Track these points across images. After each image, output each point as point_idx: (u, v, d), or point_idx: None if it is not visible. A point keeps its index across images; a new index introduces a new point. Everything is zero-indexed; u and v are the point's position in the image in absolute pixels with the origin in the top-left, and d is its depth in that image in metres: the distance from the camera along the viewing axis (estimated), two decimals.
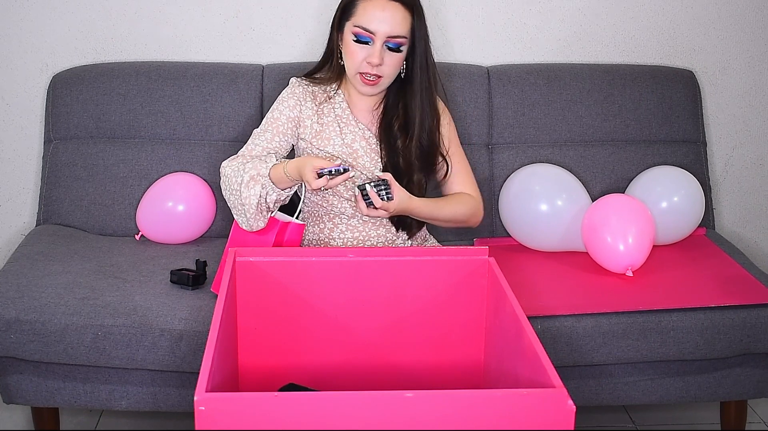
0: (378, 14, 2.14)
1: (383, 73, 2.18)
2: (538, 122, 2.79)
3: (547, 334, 2.22)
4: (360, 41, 2.16)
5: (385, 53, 2.16)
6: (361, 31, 2.15)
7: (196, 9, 2.83)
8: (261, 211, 2.12)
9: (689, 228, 2.67)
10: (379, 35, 2.14)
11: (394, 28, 2.15)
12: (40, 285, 2.29)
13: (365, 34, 2.15)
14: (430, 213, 2.23)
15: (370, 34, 2.15)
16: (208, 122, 2.72)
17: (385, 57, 2.16)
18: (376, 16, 2.14)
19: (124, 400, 2.27)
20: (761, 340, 2.29)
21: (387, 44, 2.16)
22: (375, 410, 1.39)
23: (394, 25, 2.15)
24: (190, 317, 2.20)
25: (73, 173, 2.71)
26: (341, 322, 1.93)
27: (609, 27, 2.92)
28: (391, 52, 2.17)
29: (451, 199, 2.32)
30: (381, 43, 2.15)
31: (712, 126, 3.00)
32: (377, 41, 2.15)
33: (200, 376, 1.41)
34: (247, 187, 2.09)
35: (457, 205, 2.30)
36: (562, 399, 1.40)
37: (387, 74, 2.19)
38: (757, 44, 2.97)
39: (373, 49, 2.15)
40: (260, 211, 2.12)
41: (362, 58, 2.16)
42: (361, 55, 2.16)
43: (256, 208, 2.10)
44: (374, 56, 2.15)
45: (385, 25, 2.14)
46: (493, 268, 1.88)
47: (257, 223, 2.14)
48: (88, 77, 2.74)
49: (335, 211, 2.28)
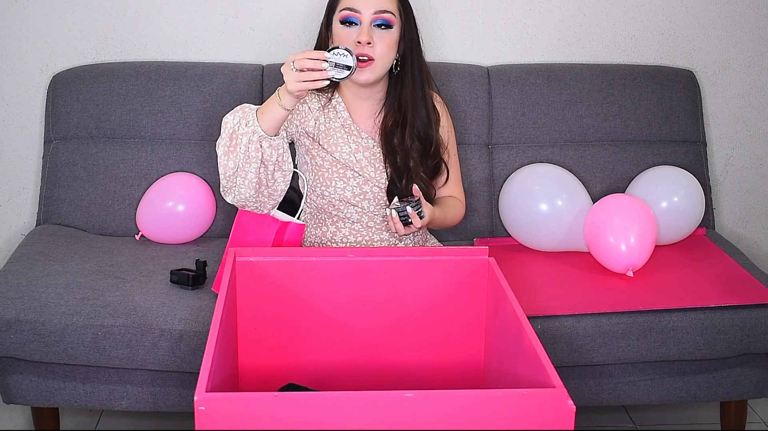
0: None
1: (375, 54, 2.15)
2: (538, 122, 2.79)
3: (547, 334, 2.22)
4: (348, 23, 2.15)
5: (374, 32, 2.15)
6: (347, 12, 2.15)
7: (196, 9, 2.83)
8: (234, 149, 2.05)
9: (689, 228, 2.67)
10: (365, 13, 2.14)
11: (380, 4, 2.15)
12: (40, 285, 2.29)
13: (352, 14, 2.15)
14: (442, 221, 2.30)
15: (356, 13, 2.14)
16: (208, 122, 2.72)
17: (374, 36, 2.15)
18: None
19: (124, 400, 2.27)
20: (761, 340, 2.29)
21: (375, 22, 2.15)
22: (375, 410, 1.39)
23: (379, 1, 2.15)
24: (190, 317, 2.20)
25: (73, 173, 2.71)
26: (341, 322, 1.93)
27: (609, 27, 2.92)
28: (381, 31, 2.16)
29: (449, 203, 2.36)
30: (369, 22, 2.14)
31: (712, 126, 3.00)
32: (364, 20, 2.14)
33: (200, 376, 1.41)
34: (232, 114, 2.08)
35: (453, 210, 2.37)
36: (562, 399, 1.40)
37: (380, 55, 2.16)
38: (757, 44, 2.97)
39: (361, 27, 2.14)
40: (233, 148, 2.05)
41: (352, 40, 2.14)
42: (350, 38, 2.15)
43: (230, 137, 2.05)
44: (363, 34, 2.13)
45: (371, 2, 2.14)
46: (493, 268, 1.88)
47: (232, 174, 2.07)
48: (88, 77, 2.74)
49: (339, 214, 2.27)
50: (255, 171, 2.07)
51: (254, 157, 2.05)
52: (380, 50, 2.16)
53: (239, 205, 2.16)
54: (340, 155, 2.23)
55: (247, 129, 2.04)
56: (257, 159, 2.05)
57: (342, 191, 2.24)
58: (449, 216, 2.33)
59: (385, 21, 2.16)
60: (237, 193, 2.10)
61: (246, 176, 2.07)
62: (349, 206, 2.26)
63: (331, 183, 2.23)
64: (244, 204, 2.14)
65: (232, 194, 2.12)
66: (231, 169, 2.07)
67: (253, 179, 2.07)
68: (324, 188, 2.24)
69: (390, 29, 2.17)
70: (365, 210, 2.27)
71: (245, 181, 2.08)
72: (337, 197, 2.25)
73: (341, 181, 2.24)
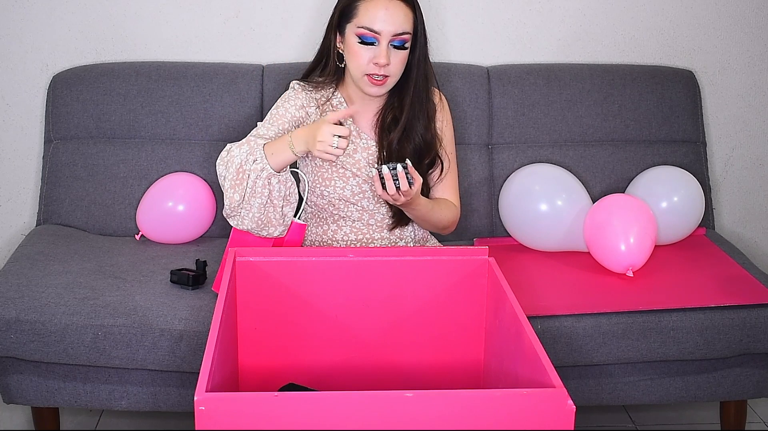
0: (381, 14, 2.12)
1: (390, 73, 2.16)
2: (538, 122, 2.79)
3: (547, 334, 2.22)
4: (365, 42, 2.14)
5: (391, 52, 2.14)
6: (365, 32, 2.13)
7: (196, 9, 2.83)
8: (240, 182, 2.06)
9: (689, 228, 2.67)
10: (384, 35, 2.12)
11: (399, 26, 2.13)
12: (40, 285, 2.29)
13: (370, 34, 2.13)
14: (427, 212, 2.21)
15: (375, 34, 2.13)
16: (208, 122, 2.72)
17: (391, 56, 2.14)
18: (380, 16, 2.12)
19: (124, 400, 2.27)
20: (761, 340, 2.29)
21: (392, 43, 2.14)
22: (375, 410, 1.39)
23: (398, 24, 2.13)
24: (190, 317, 2.20)
25: (73, 173, 2.71)
26: (341, 322, 1.93)
27: (609, 27, 2.92)
28: (396, 50, 2.15)
29: (441, 203, 2.30)
30: (387, 43, 2.13)
31: (712, 126, 3.00)
32: (383, 41, 2.13)
33: (200, 376, 1.41)
34: (238, 147, 2.09)
35: (446, 211, 2.30)
36: (562, 399, 1.40)
37: (394, 73, 2.17)
38: (757, 44, 2.97)
39: (380, 50, 2.13)
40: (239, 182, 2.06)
41: (368, 60, 2.14)
42: (366, 57, 2.14)
43: (236, 171, 2.06)
44: (381, 56, 2.12)
45: (390, 24, 2.12)
46: (493, 268, 1.88)
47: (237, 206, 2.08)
48: (88, 77, 2.74)
49: (340, 213, 2.27)
50: (258, 206, 2.08)
51: (260, 192, 2.07)
52: (394, 68, 2.16)
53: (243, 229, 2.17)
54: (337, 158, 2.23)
55: (255, 166, 2.06)
56: (263, 195, 2.07)
57: (342, 190, 2.24)
58: (437, 213, 2.25)
59: (402, 42, 2.15)
60: (239, 222, 2.13)
61: (250, 210, 2.09)
62: (349, 205, 2.26)
63: (331, 182, 2.24)
64: (247, 231, 2.16)
65: (235, 221, 2.15)
66: (236, 201, 2.09)
67: (256, 214, 2.10)
68: (323, 188, 2.25)
69: (405, 49, 2.17)
70: (365, 208, 2.27)
71: (249, 214, 2.10)
72: (337, 196, 2.25)
73: (341, 181, 2.24)
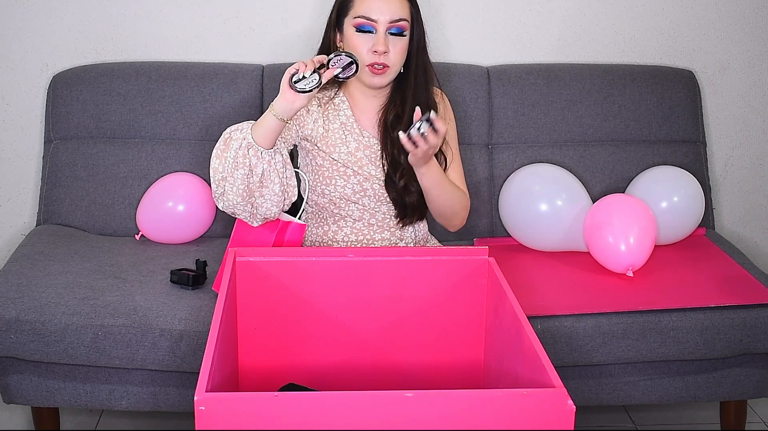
0: (377, 2, 2.15)
1: (390, 62, 2.18)
2: (538, 122, 2.79)
3: (547, 334, 2.22)
4: (362, 31, 2.16)
5: (389, 40, 2.17)
6: (362, 21, 2.16)
7: (196, 9, 2.83)
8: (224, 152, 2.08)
9: (689, 228, 2.67)
10: (381, 22, 2.15)
11: (395, 13, 2.16)
12: (40, 285, 2.29)
13: (367, 23, 2.16)
14: (440, 182, 2.17)
15: (372, 22, 2.15)
16: (208, 122, 2.72)
17: (389, 44, 2.16)
18: (375, 4, 2.15)
19: (124, 400, 2.27)
20: (761, 340, 2.29)
21: (390, 30, 2.16)
22: (375, 410, 1.39)
23: (394, 11, 2.16)
24: (190, 317, 2.20)
25: (73, 173, 2.71)
26: (341, 322, 1.93)
27: (609, 27, 2.93)
28: (394, 38, 2.17)
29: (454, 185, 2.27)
30: (384, 30, 2.16)
31: (712, 126, 3.00)
32: (380, 28, 2.15)
33: (200, 376, 1.41)
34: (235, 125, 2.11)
35: (459, 192, 2.26)
36: (562, 399, 1.40)
37: (393, 62, 2.19)
38: (757, 44, 2.97)
39: (377, 37, 2.16)
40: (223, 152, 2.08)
41: (367, 48, 2.16)
42: (365, 45, 2.16)
43: (224, 143, 2.08)
44: (380, 43, 2.15)
45: (386, 11, 2.15)
46: (493, 268, 1.88)
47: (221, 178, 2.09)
48: (88, 77, 2.74)
49: (341, 213, 2.28)
50: (242, 177, 2.07)
51: (242, 163, 2.06)
52: (394, 57, 2.18)
53: (229, 212, 2.15)
54: (339, 155, 2.24)
55: (239, 135, 2.07)
56: (245, 165, 2.07)
57: (342, 189, 2.24)
58: (448, 185, 2.20)
59: (400, 29, 2.17)
60: (225, 199, 2.12)
61: (234, 182, 2.08)
62: (350, 204, 2.26)
63: (332, 181, 2.24)
64: (233, 211, 2.14)
65: (222, 200, 2.13)
66: (219, 172, 2.09)
67: (240, 186, 2.08)
68: (324, 187, 2.25)
69: (404, 36, 2.19)
70: (366, 207, 2.27)
71: (233, 188, 2.09)
72: (338, 195, 2.25)
73: (341, 179, 2.24)
